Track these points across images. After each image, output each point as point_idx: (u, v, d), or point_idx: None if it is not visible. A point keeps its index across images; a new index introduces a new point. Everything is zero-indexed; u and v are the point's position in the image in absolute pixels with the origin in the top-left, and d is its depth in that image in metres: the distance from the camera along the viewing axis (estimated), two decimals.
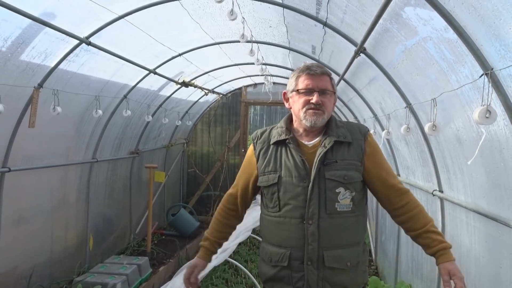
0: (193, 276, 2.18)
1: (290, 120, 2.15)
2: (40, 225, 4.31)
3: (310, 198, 1.93)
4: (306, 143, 2.05)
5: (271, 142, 2.10)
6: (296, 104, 2.04)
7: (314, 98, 1.96)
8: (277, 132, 2.11)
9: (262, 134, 2.18)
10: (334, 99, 2.07)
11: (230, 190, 2.31)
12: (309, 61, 5.08)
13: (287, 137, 2.05)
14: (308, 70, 2.01)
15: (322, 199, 1.94)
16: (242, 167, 2.25)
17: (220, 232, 2.26)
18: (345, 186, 1.94)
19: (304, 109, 1.99)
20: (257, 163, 2.13)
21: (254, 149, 2.16)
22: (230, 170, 8.57)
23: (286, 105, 2.14)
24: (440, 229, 3.17)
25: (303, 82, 2.01)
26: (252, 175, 2.16)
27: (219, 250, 4.58)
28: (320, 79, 1.99)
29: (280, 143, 2.08)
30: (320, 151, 1.97)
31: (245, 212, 2.30)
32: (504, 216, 2.17)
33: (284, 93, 2.15)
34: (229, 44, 5.22)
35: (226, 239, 2.31)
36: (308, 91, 1.99)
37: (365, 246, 2.10)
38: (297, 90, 2.02)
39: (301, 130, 2.08)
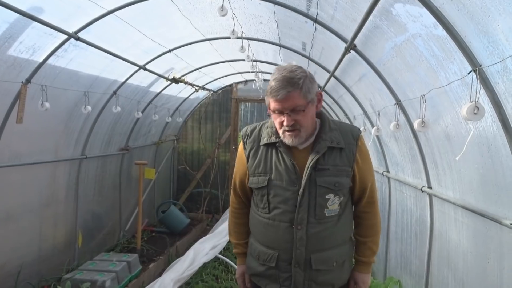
0: (246, 282, 2.28)
1: None
2: (28, 223, 4.27)
3: (300, 203, 1.93)
4: (297, 146, 2.01)
5: (261, 143, 2.07)
6: (275, 121, 1.99)
7: (285, 122, 1.89)
8: (267, 133, 2.07)
9: (251, 132, 2.15)
10: (311, 108, 1.94)
11: (232, 192, 2.33)
12: (299, 58, 5.09)
13: (277, 140, 2.01)
14: (271, 95, 1.90)
15: (312, 205, 1.95)
16: (236, 166, 2.24)
17: (241, 233, 2.30)
18: (335, 192, 1.96)
19: (281, 130, 1.95)
20: (247, 163, 2.11)
21: (244, 148, 2.14)
22: (220, 167, 8.56)
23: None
24: (428, 225, 3.21)
25: (272, 104, 1.93)
26: (246, 174, 2.15)
27: (209, 247, 4.61)
28: (285, 100, 1.86)
29: (270, 145, 2.05)
30: (312, 157, 1.94)
31: None
32: (492, 211, 2.19)
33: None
34: (219, 40, 5.20)
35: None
36: (279, 112, 1.91)
37: (351, 242, 2.17)
38: (269, 111, 1.97)
39: None
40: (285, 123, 1.90)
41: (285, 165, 1.97)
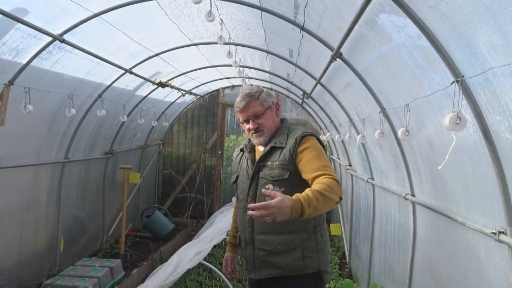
0: (229, 266, 2.78)
1: None
2: (7, 227, 4.19)
3: (248, 192, 2.42)
4: (260, 148, 2.52)
5: (240, 149, 2.69)
6: (245, 131, 2.52)
7: (250, 125, 2.42)
8: (244, 142, 2.66)
9: (239, 144, 2.74)
10: (270, 113, 2.46)
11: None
12: (286, 65, 5.12)
13: (244, 146, 2.62)
14: (236, 108, 2.46)
15: (257, 193, 2.36)
16: None
17: (234, 227, 2.81)
18: (272, 182, 2.31)
19: (250, 134, 2.47)
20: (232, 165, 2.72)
21: (233, 155, 2.76)
22: (206, 171, 8.52)
23: None
24: (411, 233, 3.23)
25: (239, 117, 2.47)
26: None
27: (193, 253, 4.60)
28: (247, 109, 2.41)
29: (242, 150, 2.65)
30: (260, 155, 2.42)
31: None
32: (473, 220, 2.22)
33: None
34: (207, 45, 5.20)
35: None
36: (245, 121, 2.44)
37: (312, 235, 2.36)
38: (239, 123, 2.51)
39: None
40: (251, 127, 2.42)
41: (246, 164, 2.51)
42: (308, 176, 2.19)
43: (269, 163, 2.35)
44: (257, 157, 2.46)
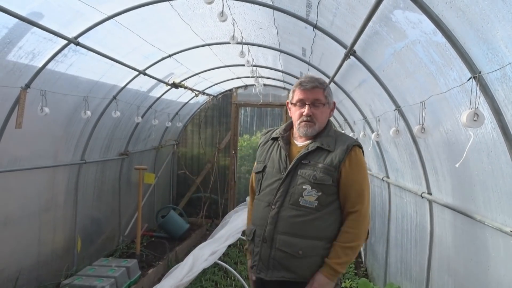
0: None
1: (291, 125, 2.44)
2: (27, 227, 4.26)
3: (279, 188, 2.23)
4: (297, 143, 2.34)
5: (270, 138, 2.46)
6: (293, 115, 2.35)
7: (305, 111, 2.25)
8: (277, 131, 2.44)
9: (268, 131, 2.55)
10: (327, 109, 2.32)
11: (250, 192, 2.66)
12: (299, 63, 5.09)
13: (279, 135, 2.37)
14: (300, 86, 2.29)
15: (290, 191, 2.21)
16: None
17: None
18: (312, 184, 2.18)
19: (299, 121, 2.28)
20: (257, 153, 2.50)
21: (259, 142, 2.54)
22: (220, 171, 8.54)
23: (289, 113, 2.42)
24: (428, 232, 3.19)
25: (296, 96, 2.30)
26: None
27: (209, 253, 4.57)
28: (311, 92, 2.26)
29: (275, 140, 2.41)
30: (301, 152, 2.25)
31: None
32: (492, 218, 2.18)
33: (287, 103, 2.45)
34: (219, 45, 5.21)
35: None
36: (301, 104, 2.27)
37: (330, 245, 2.21)
38: (292, 102, 2.33)
39: (297, 134, 2.37)
40: (304, 113, 2.25)
41: (279, 156, 2.31)
42: (346, 204, 2.21)
43: (311, 162, 2.21)
44: (294, 151, 2.30)
